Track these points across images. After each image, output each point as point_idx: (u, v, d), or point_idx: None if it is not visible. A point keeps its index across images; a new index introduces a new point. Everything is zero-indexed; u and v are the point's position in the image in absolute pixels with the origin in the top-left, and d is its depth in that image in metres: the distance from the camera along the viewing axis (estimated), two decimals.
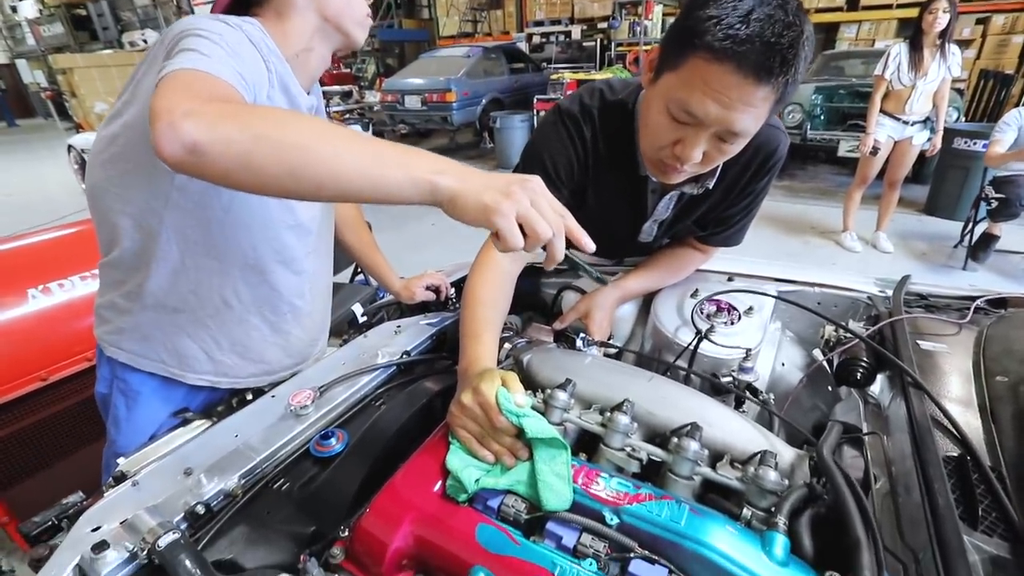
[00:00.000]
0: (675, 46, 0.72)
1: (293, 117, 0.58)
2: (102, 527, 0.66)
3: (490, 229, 0.52)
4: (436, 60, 8.69)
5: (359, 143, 0.55)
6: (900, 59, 3.47)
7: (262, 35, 0.80)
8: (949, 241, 4.10)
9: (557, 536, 0.55)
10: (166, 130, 0.51)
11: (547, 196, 0.54)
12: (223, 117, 0.53)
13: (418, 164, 0.54)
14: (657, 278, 1.10)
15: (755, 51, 0.64)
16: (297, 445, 0.81)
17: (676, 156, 0.78)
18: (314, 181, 0.53)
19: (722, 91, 0.68)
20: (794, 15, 0.65)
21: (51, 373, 1.48)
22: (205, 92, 0.59)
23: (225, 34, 0.71)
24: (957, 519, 0.48)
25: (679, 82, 0.72)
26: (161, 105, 0.54)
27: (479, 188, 0.52)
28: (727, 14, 0.65)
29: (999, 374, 0.69)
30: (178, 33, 0.70)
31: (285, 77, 0.83)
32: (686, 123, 0.74)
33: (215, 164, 0.52)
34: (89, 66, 11.37)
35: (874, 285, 1.06)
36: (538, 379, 0.85)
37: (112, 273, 0.91)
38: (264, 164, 0.52)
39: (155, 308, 0.90)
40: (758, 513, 0.60)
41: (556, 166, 0.93)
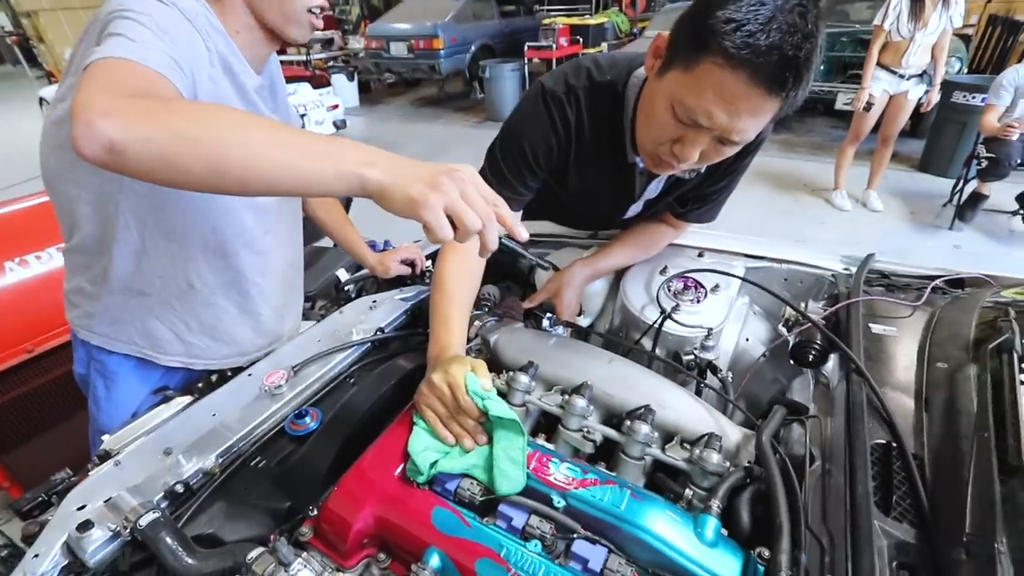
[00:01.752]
0: (688, 43, 0.69)
1: (214, 112, 0.56)
2: (87, 506, 0.70)
3: (418, 221, 0.53)
4: (422, 3, 8.24)
5: (283, 137, 0.54)
6: (900, 8, 3.34)
7: (203, 10, 0.77)
8: (939, 199, 4.09)
9: (508, 518, 0.59)
10: (84, 129, 0.51)
11: (478, 185, 0.54)
12: (140, 115, 0.52)
13: (345, 157, 0.53)
14: (629, 255, 1.11)
15: (772, 63, 0.62)
16: (272, 424, 0.84)
17: (675, 154, 0.77)
18: (237, 177, 0.53)
19: (732, 100, 0.67)
20: (813, 24, 0.63)
21: (36, 345, 1.50)
22: (128, 85, 0.58)
23: (155, 14, 0.68)
24: (872, 505, 0.52)
25: (688, 83, 0.69)
26: (80, 102, 0.53)
27: (407, 180, 0.52)
28: (748, 20, 0.62)
29: (940, 360, 0.72)
30: (108, 14, 0.67)
31: (228, 56, 0.80)
32: (689, 124, 0.72)
33: (136, 163, 0.52)
34: (55, 8, 10.74)
35: (839, 262, 1.08)
36: (504, 359, 0.87)
37: (76, 259, 0.91)
38: (184, 162, 0.52)
39: (122, 292, 0.90)
40: (699, 493, 0.64)
41: (535, 149, 0.91)
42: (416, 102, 8.80)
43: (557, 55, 6.69)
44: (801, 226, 3.95)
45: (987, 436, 0.54)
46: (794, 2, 0.62)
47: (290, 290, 1.13)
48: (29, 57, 12.95)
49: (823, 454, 0.66)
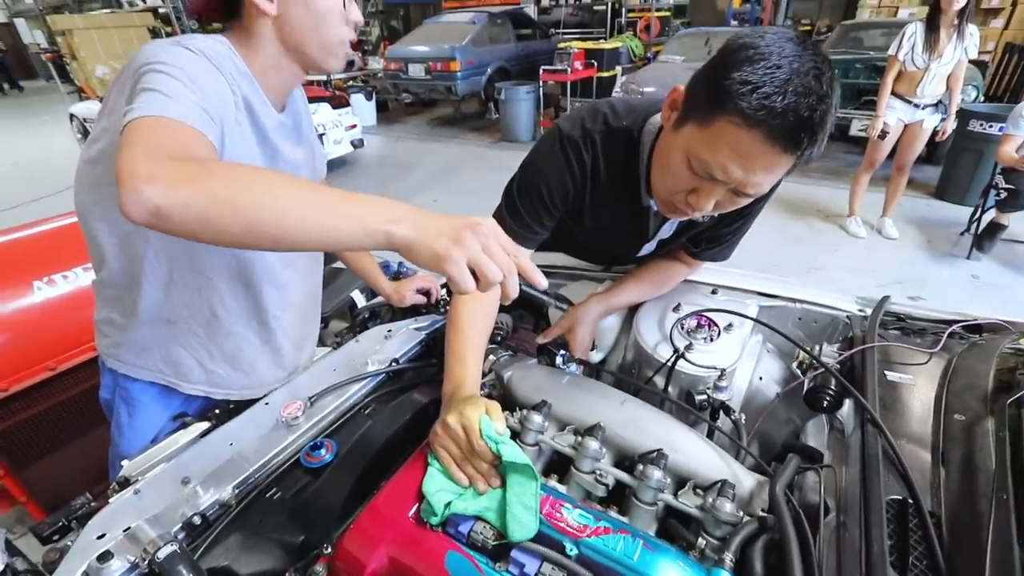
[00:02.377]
0: (705, 101, 0.70)
1: (248, 175, 0.59)
2: (106, 535, 0.71)
3: (442, 275, 0.54)
4: (441, 27, 8.45)
5: (312, 196, 0.56)
6: (915, 39, 3.35)
7: (229, 53, 0.80)
8: (956, 227, 4.05)
9: (520, 564, 0.59)
10: (131, 195, 0.54)
11: (500, 238, 0.56)
12: (181, 180, 0.55)
13: (372, 214, 0.55)
14: (642, 291, 1.12)
15: (788, 123, 0.64)
16: (288, 455, 0.86)
17: (690, 204, 0.79)
18: (270, 236, 0.55)
19: (748, 157, 0.68)
20: (828, 85, 0.64)
21: (59, 363, 1.54)
22: (166, 146, 0.61)
23: (186, 65, 0.71)
24: (888, 566, 0.52)
25: (705, 139, 0.71)
26: (124, 168, 0.56)
27: (432, 236, 0.54)
28: (765, 82, 0.63)
29: (958, 411, 0.71)
30: (140, 67, 0.70)
31: (251, 98, 0.83)
32: (704, 177, 0.74)
33: (179, 225, 0.55)
34: (88, 27, 11.15)
35: (854, 303, 1.07)
36: (517, 396, 0.88)
37: (106, 291, 0.95)
38: (222, 223, 0.54)
39: (150, 322, 0.93)
40: (712, 542, 0.64)
41: (551, 191, 0.93)
42: (432, 122, 8.96)
43: (572, 78, 6.79)
44: (814, 253, 3.93)
45: (1006, 498, 0.53)
46: (809, 65, 0.64)
47: (307, 321, 1.15)
48: (61, 73, 13.45)
49: (838, 505, 0.65)
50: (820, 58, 0.65)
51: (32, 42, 16.34)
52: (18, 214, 4.84)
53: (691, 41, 7.09)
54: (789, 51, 0.64)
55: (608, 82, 7.25)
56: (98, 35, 11.06)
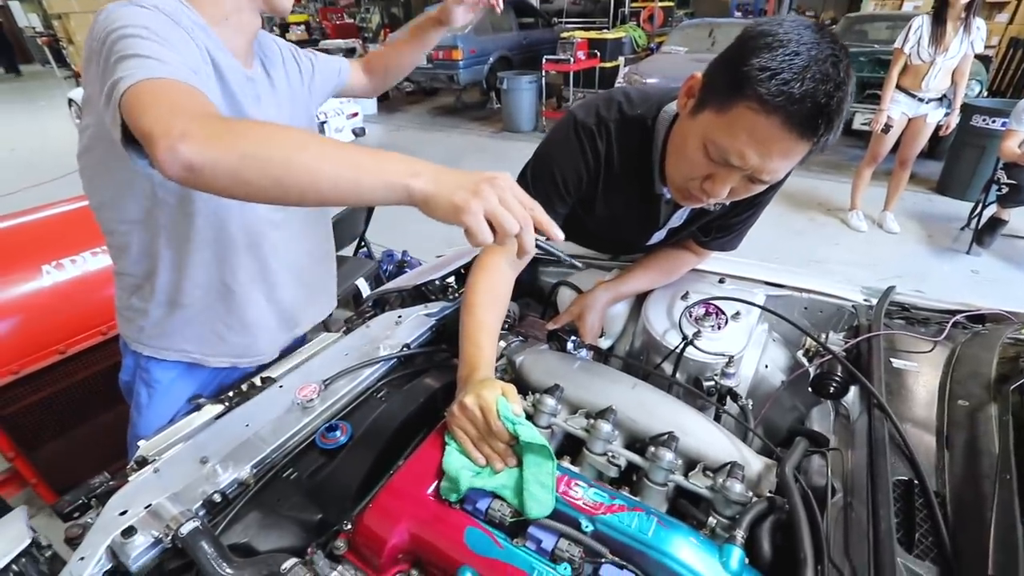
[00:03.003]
0: (723, 87, 0.71)
1: (274, 131, 0.61)
2: (128, 511, 0.73)
3: (461, 226, 0.56)
4: None
5: (337, 153, 0.58)
6: (921, 32, 3.34)
7: (181, 7, 0.79)
8: (957, 223, 4.06)
9: (537, 540, 0.61)
10: (167, 154, 0.55)
11: (515, 191, 0.58)
12: (212, 137, 0.56)
13: (393, 169, 0.57)
14: (651, 279, 1.13)
15: (805, 110, 0.64)
16: (304, 436, 0.87)
17: (704, 190, 0.80)
18: (297, 190, 0.57)
19: (765, 142, 0.69)
20: (844, 73, 0.65)
21: (68, 347, 1.55)
22: (183, 104, 0.61)
23: (151, 24, 0.70)
24: (895, 543, 0.54)
25: (722, 125, 0.72)
26: (156, 128, 0.57)
27: (450, 189, 0.55)
28: (783, 68, 0.64)
29: (962, 397, 0.73)
30: (105, 36, 0.69)
31: (213, 50, 0.82)
32: (720, 163, 0.75)
33: (211, 180, 0.57)
34: (85, 11, 11.02)
35: (860, 293, 1.09)
36: (529, 381, 0.90)
37: (125, 279, 0.97)
38: (252, 178, 0.56)
39: (168, 305, 0.95)
40: (722, 521, 0.66)
41: (565, 178, 0.94)
42: (433, 111, 8.91)
43: (574, 68, 6.75)
44: (815, 246, 3.94)
45: (1009, 478, 0.55)
46: (827, 52, 0.64)
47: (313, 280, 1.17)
48: (58, 57, 13.31)
49: (844, 487, 0.67)
50: (837, 46, 0.66)
51: (27, 25, 16.13)
52: (19, 199, 4.82)
53: (695, 32, 7.03)
54: (807, 38, 0.65)
55: (611, 73, 7.21)
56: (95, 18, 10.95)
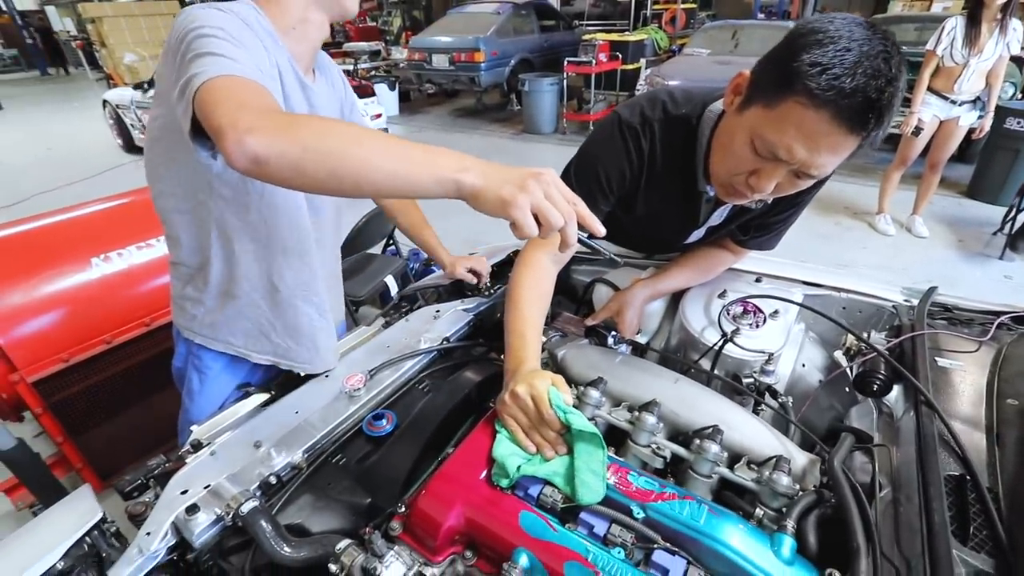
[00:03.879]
0: (772, 83, 0.72)
1: (333, 126, 0.64)
2: (189, 491, 0.77)
3: (508, 220, 0.58)
4: (464, 17, 8.44)
5: (390, 147, 0.61)
6: (955, 33, 3.28)
7: (255, 14, 0.83)
8: (989, 227, 3.97)
9: (589, 525, 0.63)
10: (235, 147, 0.58)
11: (559, 187, 0.60)
12: (277, 131, 0.60)
13: (443, 164, 0.59)
14: (688, 277, 1.14)
15: (856, 104, 0.65)
16: (351, 424, 0.90)
17: (750, 185, 0.80)
18: (352, 182, 0.60)
19: (814, 137, 0.69)
20: (896, 68, 0.65)
21: (114, 337, 1.61)
22: (252, 101, 0.65)
23: (226, 26, 0.74)
24: (950, 535, 0.54)
25: (771, 120, 0.72)
26: (225, 121, 0.60)
27: (498, 183, 0.58)
28: (835, 63, 0.65)
29: (1011, 397, 0.73)
30: (183, 34, 0.73)
31: (279, 59, 0.85)
32: (767, 158, 0.76)
33: (275, 171, 0.60)
34: (117, 15, 11.36)
35: (900, 294, 1.08)
36: (571, 374, 0.92)
37: (180, 269, 1.00)
38: (312, 170, 0.59)
39: (219, 296, 0.99)
40: (769, 513, 0.67)
41: (608, 176, 0.95)
42: (454, 112, 8.98)
43: (596, 70, 6.75)
44: (843, 250, 3.88)
45: None
46: (879, 48, 0.65)
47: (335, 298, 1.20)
48: (90, 60, 13.73)
49: (892, 483, 0.68)
50: (889, 42, 0.66)
51: (62, 29, 16.67)
52: (56, 196, 4.99)
53: (717, 34, 6.98)
54: (859, 35, 0.66)
55: (632, 75, 7.18)
56: (126, 22, 11.27)
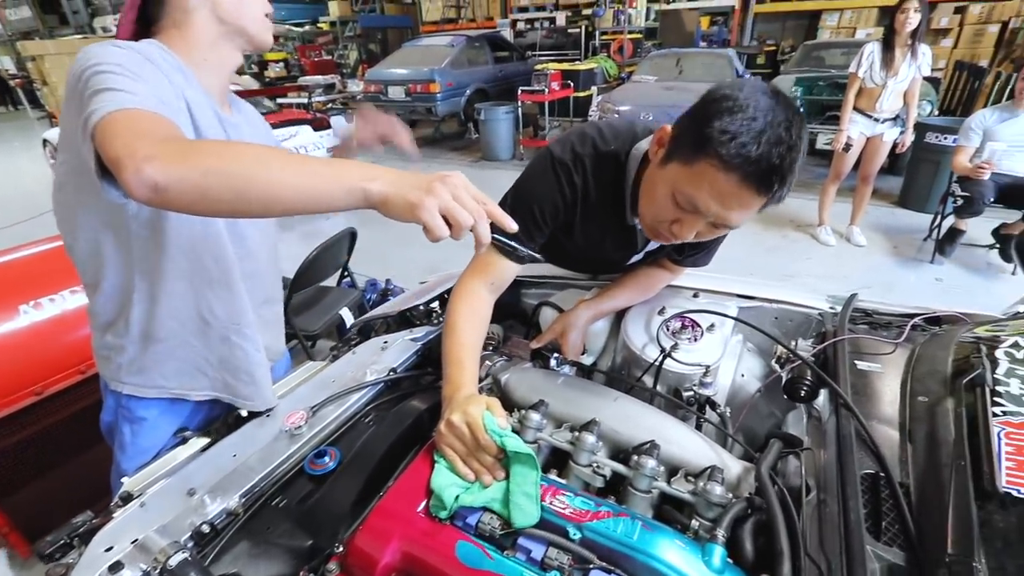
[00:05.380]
0: (688, 144, 0.77)
1: (234, 148, 0.64)
2: (114, 547, 0.72)
3: (417, 224, 0.59)
4: (420, 49, 8.60)
5: (295, 163, 0.61)
6: (873, 58, 3.57)
7: (159, 51, 0.83)
8: (919, 234, 4.25)
9: (527, 550, 0.63)
10: (133, 176, 0.58)
11: (468, 188, 0.62)
12: (176, 157, 0.59)
13: (350, 174, 0.60)
14: (629, 296, 1.17)
15: (760, 170, 0.71)
16: (292, 464, 0.88)
17: (673, 232, 0.86)
18: (260, 202, 0.60)
19: (725, 196, 0.75)
20: (797, 137, 0.72)
21: (45, 387, 1.52)
22: (149, 130, 0.64)
23: (124, 62, 0.74)
24: (864, 532, 0.57)
25: (688, 177, 0.78)
26: (122, 152, 0.60)
27: (406, 188, 0.59)
28: (742, 132, 0.71)
29: (921, 394, 0.77)
30: (80, 73, 0.72)
31: (187, 92, 0.85)
32: (687, 210, 0.81)
33: (177, 198, 0.59)
34: (60, 53, 11.03)
35: (825, 302, 1.14)
36: (514, 397, 0.92)
37: (99, 316, 0.96)
38: (216, 193, 0.59)
39: (143, 339, 0.95)
40: (705, 523, 0.68)
41: (543, 210, 0.98)
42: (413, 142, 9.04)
43: (549, 98, 6.96)
44: (788, 261, 4.07)
45: (964, 464, 0.59)
46: (781, 117, 0.71)
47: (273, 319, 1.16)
48: (31, 99, 13.25)
49: (818, 484, 0.71)
50: (791, 111, 0.73)
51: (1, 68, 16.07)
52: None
53: (663, 62, 7.34)
54: (764, 104, 0.72)
55: (584, 102, 7.45)
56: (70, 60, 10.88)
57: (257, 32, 0.94)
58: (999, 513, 0.54)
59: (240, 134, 0.96)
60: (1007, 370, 0.73)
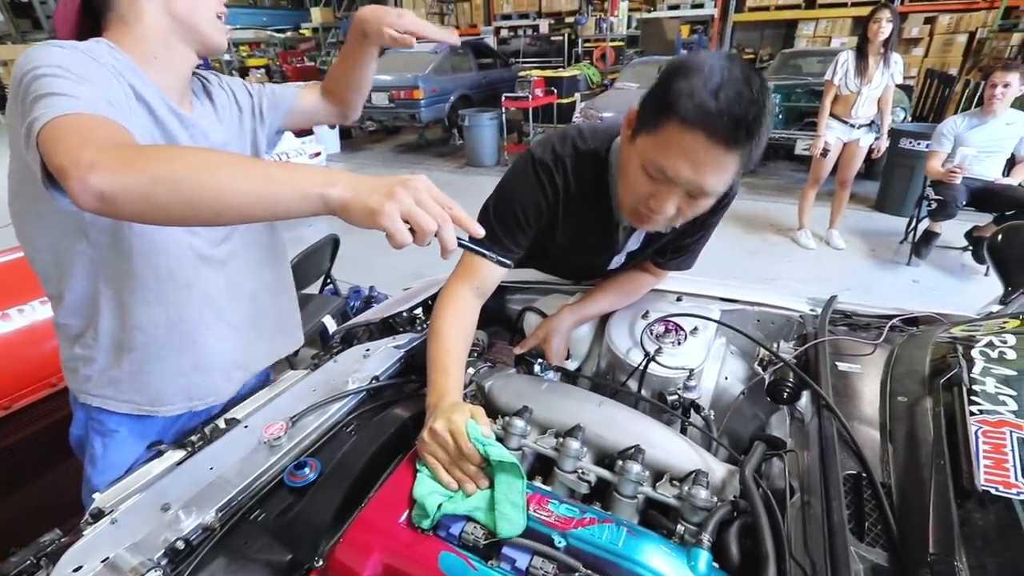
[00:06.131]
0: (652, 112, 0.78)
1: (184, 154, 0.62)
2: (84, 566, 0.70)
3: (379, 230, 0.57)
4: (403, 56, 8.58)
5: (249, 169, 0.59)
6: (848, 66, 3.66)
7: (108, 49, 0.80)
8: (896, 237, 4.35)
9: (512, 560, 0.61)
10: (77, 185, 0.56)
11: (431, 191, 0.59)
12: (122, 165, 0.57)
13: (308, 180, 0.58)
14: (613, 301, 1.17)
15: (724, 123, 0.71)
16: (271, 476, 0.85)
17: (651, 209, 0.85)
18: (212, 209, 0.58)
19: (693, 155, 0.75)
20: (758, 92, 0.72)
21: (13, 402, 1.47)
22: (94, 136, 0.62)
23: (64, 63, 0.71)
24: (847, 532, 0.57)
25: (655, 144, 0.78)
26: (65, 161, 0.57)
27: (366, 193, 0.57)
28: (700, 89, 0.71)
29: (900, 394, 0.78)
30: (21, 77, 0.70)
31: (140, 88, 0.82)
32: (660, 180, 0.80)
33: (125, 207, 0.57)
34: None
35: (806, 304, 1.16)
36: (498, 404, 0.91)
37: (66, 329, 0.93)
38: (165, 201, 0.57)
39: (115, 349, 0.92)
40: (690, 528, 0.68)
41: (525, 211, 0.98)
42: (397, 148, 9.02)
43: (532, 105, 7.00)
44: (769, 264, 4.13)
45: (943, 463, 0.60)
46: (739, 74, 0.72)
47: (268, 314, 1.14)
48: (2, 105, 12.92)
49: (801, 486, 0.71)
50: (750, 69, 0.74)
51: None
52: None
53: (644, 69, 7.44)
54: (721, 64, 0.73)
55: (568, 108, 7.50)
56: None
57: (208, 32, 0.90)
58: (978, 512, 0.55)
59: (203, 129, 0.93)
60: (982, 369, 0.75)
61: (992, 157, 3.55)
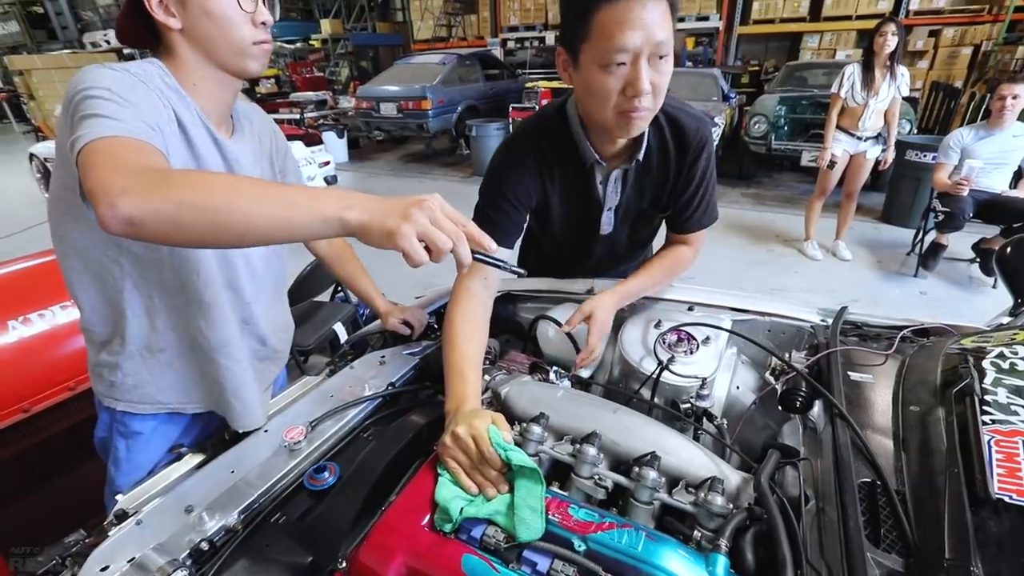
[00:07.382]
0: (576, 23, 0.86)
1: (209, 179, 0.64)
2: (111, 566, 0.71)
3: (396, 250, 0.59)
4: (411, 67, 8.70)
5: (270, 193, 0.62)
6: (854, 78, 3.69)
7: (158, 71, 0.84)
8: (902, 248, 4.34)
9: (532, 563, 0.63)
10: (107, 211, 0.59)
11: (445, 209, 0.62)
12: (149, 190, 0.60)
13: (326, 203, 0.60)
14: (654, 279, 1.19)
15: None
16: (291, 479, 0.87)
17: (629, 96, 0.88)
18: (235, 233, 0.60)
19: (632, 20, 0.81)
20: None
21: (33, 404, 1.49)
22: (128, 161, 0.65)
23: (114, 86, 0.74)
24: (863, 539, 0.58)
25: (598, 40, 0.84)
26: (97, 187, 0.60)
27: (382, 216, 0.59)
28: None
29: (913, 404, 0.79)
30: (73, 96, 0.74)
31: (182, 114, 0.85)
32: (623, 63, 0.85)
33: (152, 231, 0.60)
34: (48, 67, 10.99)
35: (816, 314, 1.17)
36: (515, 411, 0.93)
37: (93, 334, 0.96)
38: (190, 225, 0.59)
39: (140, 353, 0.94)
40: (707, 534, 0.69)
41: (515, 192, 1.05)
42: (404, 158, 9.10)
43: None
44: (775, 276, 4.13)
45: (957, 472, 0.61)
46: None
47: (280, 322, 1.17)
48: (16, 112, 13.14)
49: (816, 494, 0.72)
50: None
51: None
52: None
53: None
54: None
55: None
56: (58, 75, 10.89)
57: (232, 62, 0.89)
58: (993, 519, 0.56)
59: (238, 155, 0.96)
60: (994, 379, 0.76)
61: (999, 169, 3.56)
